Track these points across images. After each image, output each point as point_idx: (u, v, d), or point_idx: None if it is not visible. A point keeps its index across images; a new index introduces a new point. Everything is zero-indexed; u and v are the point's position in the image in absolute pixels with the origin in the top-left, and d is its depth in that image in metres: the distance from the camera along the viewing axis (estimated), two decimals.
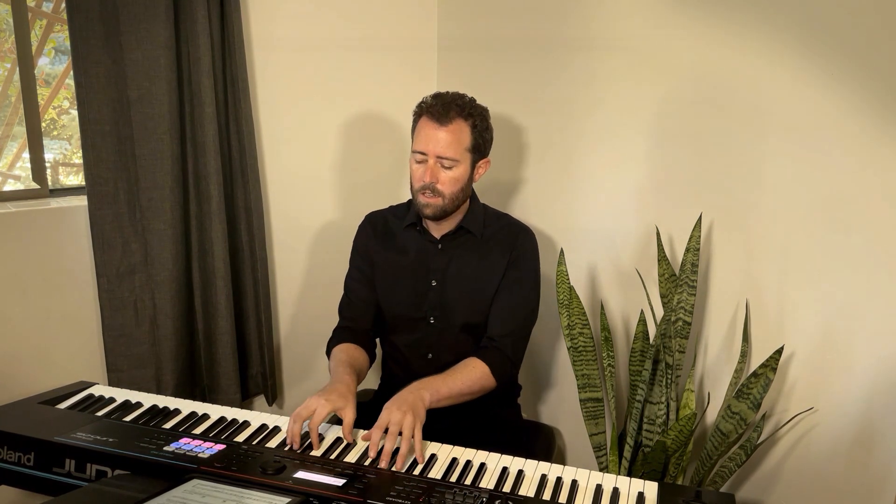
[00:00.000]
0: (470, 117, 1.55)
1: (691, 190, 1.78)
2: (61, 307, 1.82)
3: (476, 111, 1.57)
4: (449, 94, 1.59)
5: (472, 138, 1.56)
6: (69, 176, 2.20)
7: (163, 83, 1.78)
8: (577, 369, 1.80)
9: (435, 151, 1.53)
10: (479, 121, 1.57)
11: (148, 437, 1.27)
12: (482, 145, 1.59)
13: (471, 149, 1.57)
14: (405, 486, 1.14)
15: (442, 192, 1.55)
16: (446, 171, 1.55)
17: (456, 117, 1.53)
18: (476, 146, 1.57)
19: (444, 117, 1.53)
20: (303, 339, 2.27)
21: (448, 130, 1.53)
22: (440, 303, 1.64)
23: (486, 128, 1.59)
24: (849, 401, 1.59)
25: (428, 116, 1.55)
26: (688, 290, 1.66)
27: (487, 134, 1.61)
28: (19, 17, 1.75)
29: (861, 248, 1.53)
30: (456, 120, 1.54)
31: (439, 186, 1.54)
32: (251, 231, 2.01)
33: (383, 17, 2.18)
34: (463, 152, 1.55)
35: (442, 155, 1.53)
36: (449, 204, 1.57)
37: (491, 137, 1.63)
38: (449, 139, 1.53)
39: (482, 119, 1.58)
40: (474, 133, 1.56)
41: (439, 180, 1.54)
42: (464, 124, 1.55)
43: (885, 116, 1.46)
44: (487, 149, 1.62)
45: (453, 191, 1.56)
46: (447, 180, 1.55)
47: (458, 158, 1.54)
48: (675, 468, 1.68)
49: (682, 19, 1.73)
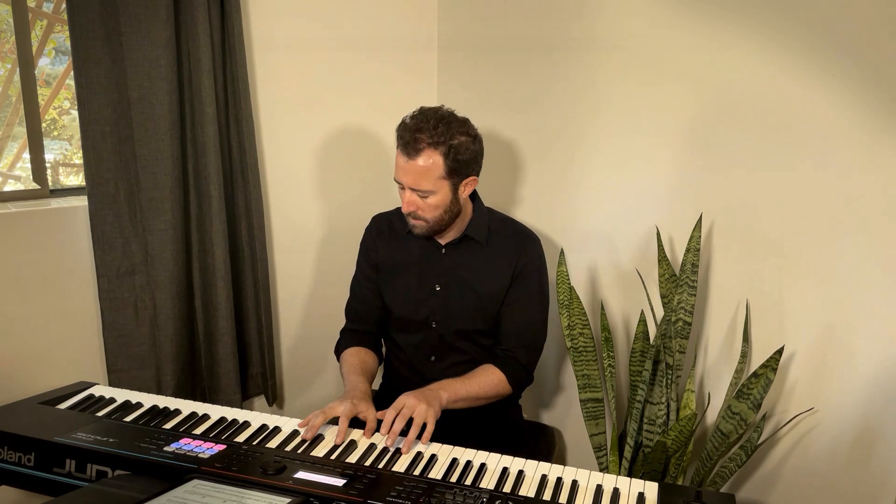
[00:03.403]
0: (441, 145, 1.45)
1: (691, 190, 1.78)
2: (61, 307, 1.82)
3: (448, 135, 1.46)
4: (424, 114, 1.49)
5: (445, 166, 1.47)
6: (69, 176, 2.20)
7: (163, 83, 1.78)
8: (578, 370, 1.80)
9: (407, 183, 1.50)
10: (453, 145, 1.46)
11: (148, 438, 1.27)
12: (459, 168, 1.49)
13: (446, 175, 1.48)
14: (406, 487, 1.14)
15: (424, 217, 1.53)
16: (424, 199, 1.51)
17: (425, 148, 1.45)
18: (452, 171, 1.48)
19: (413, 149, 1.46)
20: (303, 340, 2.27)
21: (417, 162, 1.46)
22: (443, 307, 1.64)
23: (464, 149, 1.48)
24: (849, 401, 1.59)
25: (399, 146, 1.49)
26: (688, 291, 1.66)
27: (466, 154, 1.49)
28: (20, 18, 1.75)
29: (861, 248, 1.53)
30: (425, 151, 1.45)
31: (420, 213, 1.53)
32: (251, 231, 2.01)
33: (383, 17, 2.17)
34: (436, 181, 1.48)
35: (414, 187, 1.49)
36: (435, 225, 1.56)
37: (474, 155, 1.52)
38: (418, 172, 1.47)
39: (459, 140, 1.47)
40: (447, 160, 1.46)
41: (419, 207, 1.52)
42: (433, 153, 1.45)
43: (885, 116, 1.46)
44: (470, 168, 1.52)
45: (435, 215, 1.53)
46: (427, 207, 1.52)
47: (432, 189, 1.48)
48: (676, 468, 1.68)
49: (682, 20, 1.73)
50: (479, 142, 1.55)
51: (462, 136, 1.49)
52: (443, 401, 1.42)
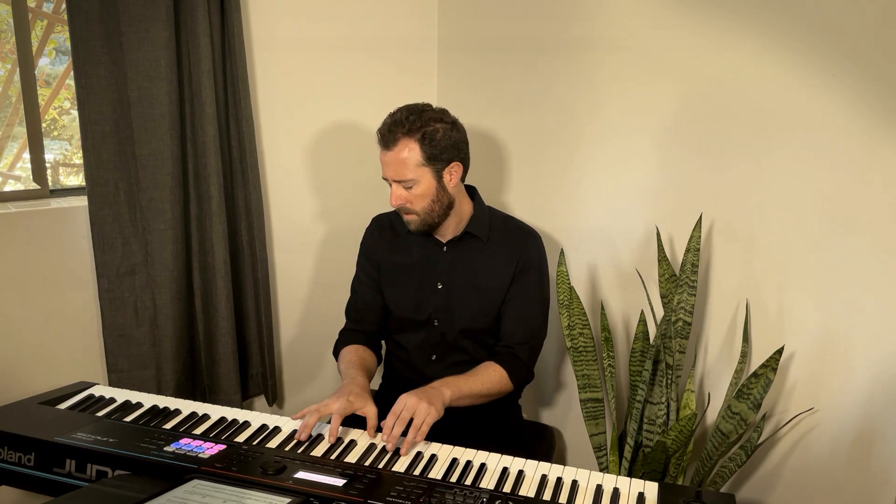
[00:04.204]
0: (415, 132, 1.49)
1: (691, 190, 1.78)
2: (61, 307, 1.82)
3: (422, 122, 1.50)
4: (399, 110, 1.54)
5: (422, 152, 1.50)
6: (69, 176, 2.20)
7: (163, 83, 1.78)
8: (578, 369, 1.80)
9: (389, 176, 1.53)
10: (427, 132, 1.50)
11: (148, 438, 1.27)
12: (439, 154, 1.51)
13: (426, 161, 1.51)
14: (406, 487, 1.14)
15: (413, 209, 1.55)
16: (410, 191, 1.53)
17: (401, 137, 1.49)
18: (431, 157, 1.51)
19: (390, 141, 1.50)
20: (303, 339, 2.27)
21: (394, 153, 1.50)
22: (445, 306, 1.64)
23: (441, 136, 1.51)
24: (849, 401, 1.59)
25: (379, 141, 1.54)
26: (688, 291, 1.66)
27: (445, 140, 1.51)
28: (20, 18, 1.76)
29: (861, 247, 1.53)
30: (401, 140, 1.49)
31: (408, 206, 1.55)
32: (251, 231, 2.01)
33: (383, 17, 2.18)
34: (416, 169, 1.51)
35: (395, 178, 1.52)
36: (427, 217, 1.56)
37: (453, 141, 1.54)
38: (396, 161, 1.50)
39: (434, 126, 1.51)
40: (424, 146, 1.50)
41: (406, 199, 1.54)
42: (409, 141, 1.49)
43: (885, 116, 1.46)
44: (451, 154, 1.54)
45: (424, 205, 1.55)
46: (413, 198, 1.54)
47: (413, 177, 1.51)
48: (676, 468, 1.68)
49: (682, 20, 1.73)
50: (460, 129, 1.58)
51: (437, 123, 1.52)
52: (446, 399, 1.41)
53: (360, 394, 1.41)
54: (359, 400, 1.38)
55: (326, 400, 1.38)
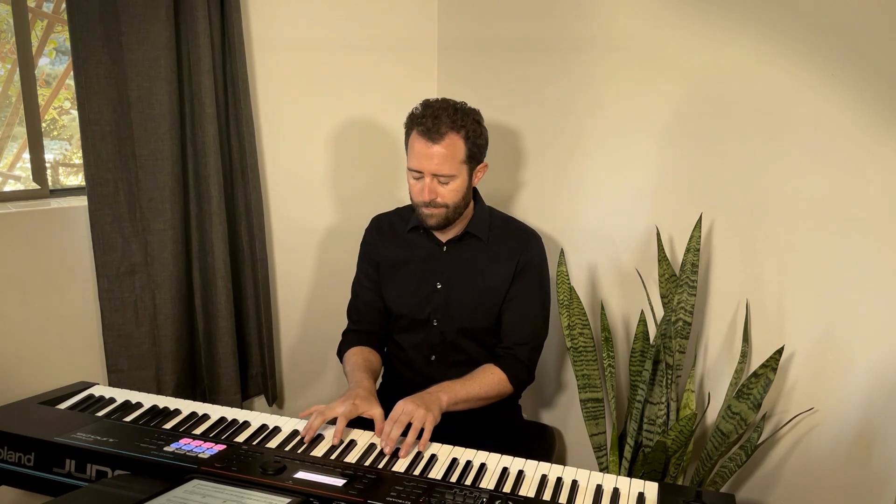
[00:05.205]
0: (462, 128, 1.49)
1: (691, 190, 1.78)
2: (61, 307, 1.82)
3: (467, 119, 1.51)
4: (438, 103, 1.53)
5: (466, 149, 1.51)
6: (69, 176, 2.20)
7: (163, 84, 1.78)
8: (578, 369, 1.80)
9: (430, 170, 1.50)
10: (471, 129, 1.51)
11: (148, 438, 1.27)
12: (477, 153, 1.55)
13: (466, 160, 1.52)
14: (405, 487, 1.14)
15: (444, 203, 1.54)
16: (444, 186, 1.52)
17: (448, 131, 1.48)
18: (471, 155, 1.53)
19: (436, 133, 1.47)
20: (303, 339, 2.27)
21: (441, 147, 1.48)
22: (444, 305, 1.64)
23: (479, 133, 1.54)
24: (849, 401, 1.59)
25: (419, 132, 1.50)
26: (688, 291, 1.66)
27: (481, 139, 1.55)
28: (20, 18, 1.75)
29: (861, 247, 1.53)
30: (448, 135, 1.48)
31: (440, 200, 1.53)
32: (251, 231, 2.01)
33: (383, 17, 2.18)
34: (458, 165, 1.51)
35: (437, 173, 1.50)
36: (452, 212, 1.56)
37: (486, 141, 1.58)
38: (443, 156, 1.48)
39: (474, 126, 1.53)
40: (468, 143, 1.51)
41: (439, 195, 1.52)
42: (456, 137, 1.49)
43: (885, 116, 1.46)
44: (483, 153, 1.58)
45: (455, 200, 1.54)
46: (447, 193, 1.53)
47: (454, 173, 1.51)
48: (676, 468, 1.68)
49: (682, 20, 1.73)
50: (486, 131, 1.60)
51: (475, 123, 1.54)
52: (442, 404, 1.41)
53: (366, 397, 1.41)
54: (364, 403, 1.38)
55: (332, 404, 1.37)
